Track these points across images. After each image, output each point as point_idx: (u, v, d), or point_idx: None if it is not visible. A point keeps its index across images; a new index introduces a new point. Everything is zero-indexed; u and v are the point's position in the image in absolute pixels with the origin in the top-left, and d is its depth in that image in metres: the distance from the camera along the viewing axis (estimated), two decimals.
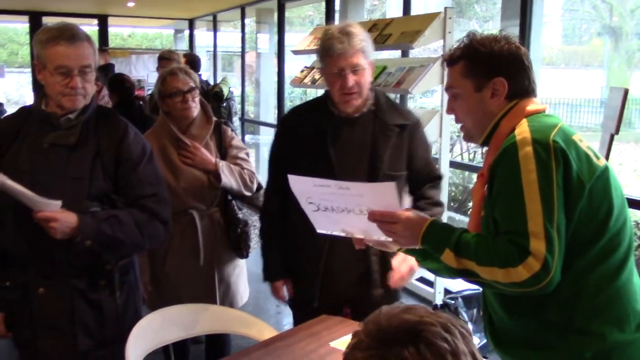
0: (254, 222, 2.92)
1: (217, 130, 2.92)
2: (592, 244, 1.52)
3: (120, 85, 5.09)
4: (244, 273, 3.08)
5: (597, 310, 1.53)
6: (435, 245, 1.59)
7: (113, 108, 4.59)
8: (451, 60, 1.69)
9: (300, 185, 1.80)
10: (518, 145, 1.49)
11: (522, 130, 1.52)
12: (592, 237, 1.52)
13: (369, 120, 2.35)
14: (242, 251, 2.93)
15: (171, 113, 2.81)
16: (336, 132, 2.34)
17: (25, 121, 2.12)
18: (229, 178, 2.81)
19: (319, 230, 1.89)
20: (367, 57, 2.28)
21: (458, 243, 1.54)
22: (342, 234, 1.88)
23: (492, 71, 1.62)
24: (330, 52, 2.23)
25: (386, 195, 1.66)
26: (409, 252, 1.82)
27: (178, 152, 2.79)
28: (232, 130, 3.02)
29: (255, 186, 2.95)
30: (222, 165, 2.81)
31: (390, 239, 1.72)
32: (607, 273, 1.53)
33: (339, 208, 1.75)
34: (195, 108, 2.81)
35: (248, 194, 2.92)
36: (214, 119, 2.93)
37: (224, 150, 2.91)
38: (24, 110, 2.19)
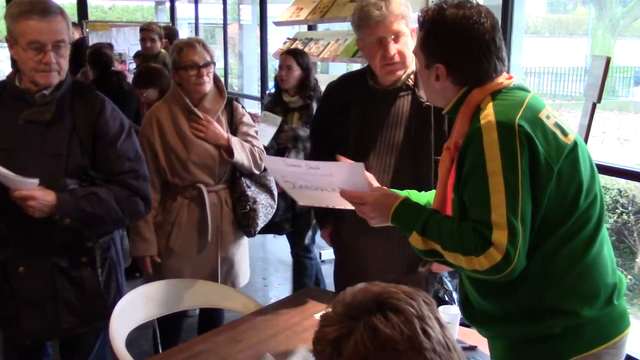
0: (262, 200, 2.88)
1: (229, 106, 2.87)
2: (561, 224, 1.50)
3: (98, 58, 4.98)
4: (247, 253, 3.03)
5: (566, 289, 1.52)
6: (403, 226, 1.60)
7: (90, 83, 4.51)
8: (419, 25, 1.64)
9: (274, 165, 1.83)
10: (483, 130, 1.45)
11: (487, 113, 1.48)
12: (562, 218, 1.50)
13: (405, 96, 2.19)
14: (250, 229, 2.87)
15: (184, 85, 2.74)
16: (366, 105, 2.22)
17: (0, 98, 2.07)
18: (240, 154, 2.75)
19: (300, 203, 1.90)
20: (409, 23, 2.10)
21: (425, 225, 1.54)
22: (323, 205, 1.90)
23: (437, 55, 1.57)
24: (368, 20, 2.08)
25: (355, 176, 1.68)
26: None
27: (189, 124, 2.73)
28: (243, 107, 2.97)
29: (263, 164, 2.89)
30: (234, 141, 2.76)
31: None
32: (575, 251, 1.52)
33: (312, 186, 1.77)
34: (208, 83, 2.74)
35: (257, 172, 2.87)
36: (227, 94, 2.87)
37: (234, 126, 2.86)
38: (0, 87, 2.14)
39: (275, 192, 2.98)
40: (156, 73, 3.93)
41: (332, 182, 1.71)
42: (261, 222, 2.88)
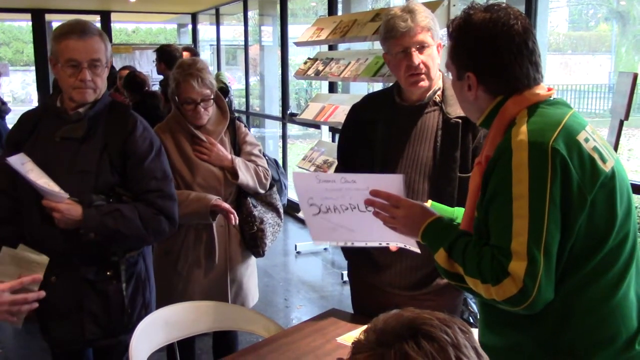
0: (269, 219, 2.85)
1: (232, 126, 2.84)
2: (587, 260, 1.37)
3: (133, 81, 5.08)
4: (255, 274, 2.99)
5: (588, 330, 1.40)
6: (432, 241, 1.52)
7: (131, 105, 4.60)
8: (448, 36, 1.57)
9: (304, 182, 1.77)
10: (513, 149, 1.35)
11: (521, 130, 1.37)
12: (589, 254, 1.37)
13: (432, 112, 2.16)
14: (258, 249, 2.84)
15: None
16: (393, 121, 2.19)
17: (42, 116, 2.20)
18: (245, 175, 2.73)
19: (315, 241, 1.84)
20: (435, 36, 2.11)
21: (453, 244, 1.46)
22: (341, 244, 1.85)
23: (466, 64, 1.49)
24: (394, 33, 2.08)
25: (393, 188, 1.62)
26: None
27: (193, 147, 2.72)
28: (245, 126, 2.96)
29: (268, 183, 2.87)
30: (238, 162, 2.74)
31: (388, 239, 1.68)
32: (601, 291, 1.39)
33: (342, 206, 1.70)
34: (206, 115, 2.72)
35: (262, 191, 2.84)
36: (229, 114, 2.85)
37: (237, 146, 2.83)
38: (42, 106, 2.27)
39: (282, 210, 2.95)
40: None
41: (367, 196, 1.64)
42: (269, 241, 2.85)
